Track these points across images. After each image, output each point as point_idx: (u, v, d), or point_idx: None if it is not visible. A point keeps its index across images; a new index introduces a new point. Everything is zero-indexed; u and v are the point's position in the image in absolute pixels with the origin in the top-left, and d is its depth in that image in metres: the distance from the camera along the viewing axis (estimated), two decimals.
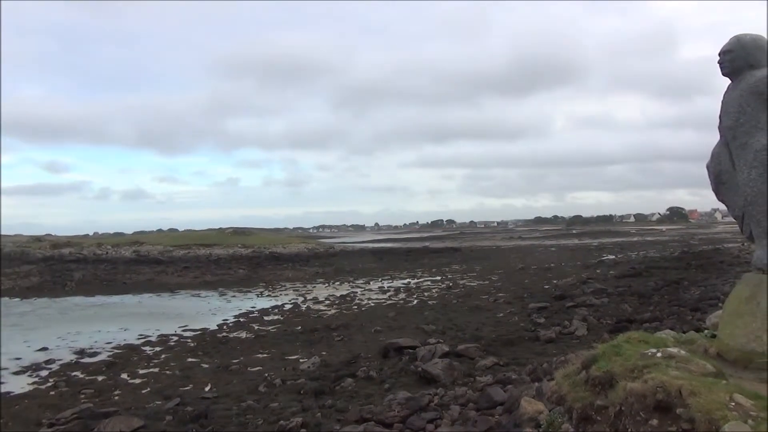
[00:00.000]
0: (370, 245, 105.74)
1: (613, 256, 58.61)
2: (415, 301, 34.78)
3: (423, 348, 16.24)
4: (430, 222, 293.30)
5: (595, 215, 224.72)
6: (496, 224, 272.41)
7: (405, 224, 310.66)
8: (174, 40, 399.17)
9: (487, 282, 43.32)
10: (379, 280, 52.59)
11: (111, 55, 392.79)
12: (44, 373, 20.40)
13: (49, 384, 18.69)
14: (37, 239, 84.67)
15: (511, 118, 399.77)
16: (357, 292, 42.29)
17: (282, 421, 10.67)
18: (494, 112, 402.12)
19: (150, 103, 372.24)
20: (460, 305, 30.42)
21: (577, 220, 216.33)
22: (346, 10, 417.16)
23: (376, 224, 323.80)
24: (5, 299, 44.37)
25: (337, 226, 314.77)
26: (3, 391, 18.03)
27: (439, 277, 51.13)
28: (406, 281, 49.51)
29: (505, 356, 15.95)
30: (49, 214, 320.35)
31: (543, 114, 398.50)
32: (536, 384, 9.50)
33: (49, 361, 22.06)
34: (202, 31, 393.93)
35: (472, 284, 42.87)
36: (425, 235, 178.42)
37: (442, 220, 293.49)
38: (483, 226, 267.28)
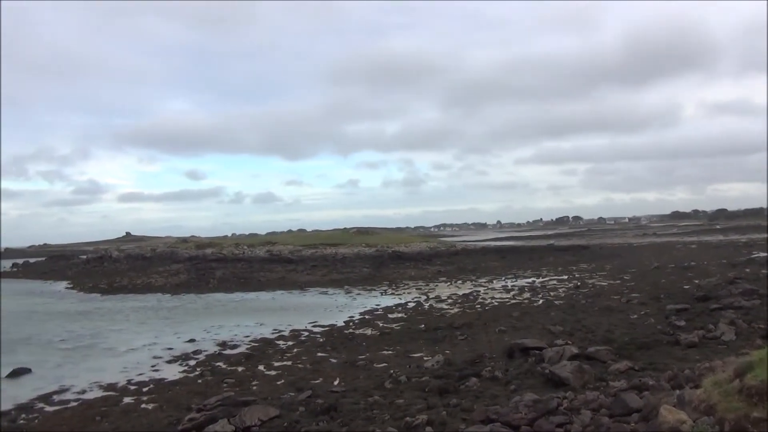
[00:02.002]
0: (493, 243, 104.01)
1: (766, 254, 52.84)
2: (541, 301, 33.74)
3: (550, 349, 15.70)
4: (554, 219, 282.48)
5: (742, 208, 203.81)
6: (627, 220, 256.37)
7: (528, 222, 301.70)
8: (295, 51, 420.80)
9: (618, 281, 40.95)
10: (503, 278, 51.66)
11: (241, 69, 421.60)
12: (192, 362, 22.37)
13: (196, 373, 20.46)
14: (184, 240, 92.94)
15: (633, 108, 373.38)
16: (480, 291, 41.84)
17: (408, 418, 10.83)
18: (613, 103, 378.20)
19: (275, 113, 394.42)
20: (589, 306, 29.05)
21: (721, 214, 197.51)
22: (454, 10, 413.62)
23: (498, 222, 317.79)
24: (159, 295, 49.21)
25: (458, 225, 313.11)
26: (159, 377, 20.06)
27: (565, 276, 49.20)
28: (530, 280, 48.18)
29: (640, 360, 14.99)
30: (192, 217, 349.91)
31: (668, 102, 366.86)
32: (677, 392, 8.83)
33: (196, 352, 24.16)
34: (318, 41, 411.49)
35: (602, 284, 40.76)
36: (550, 232, 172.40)
37: (567, 217, 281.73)
38: (612, 222, 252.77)
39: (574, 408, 10.22)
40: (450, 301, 37.24)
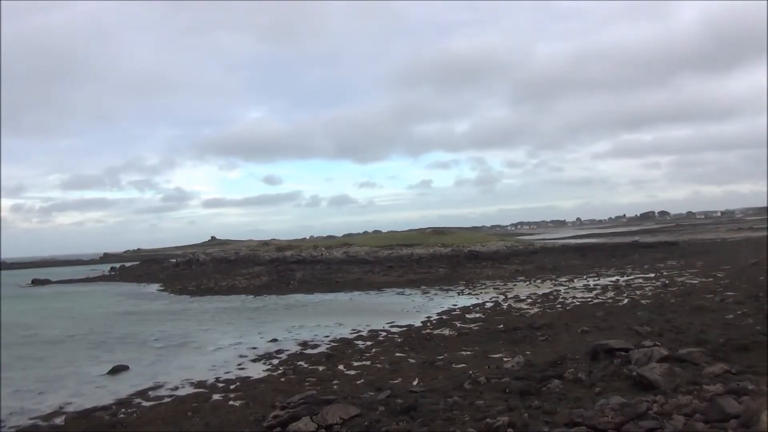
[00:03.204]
0: (573, 241, 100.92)
1: None
2: (626, 300, 32.38)
3: (637, 351, 15.02)
4: (638, 215, 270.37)
5: None
6: (719, 214, 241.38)
7: (610, 218, 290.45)
8: (362, 55, 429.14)
9: (711, 279, 38.59)
10: (584, 277, 49.99)
11: (312, 76, 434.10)
12: (275, 361, 23.09)
13: (279, 371, 21.10)
14: (265, 243, 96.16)
15: (717, 96, 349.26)
16: (560, 291, 40.70)
17: (488, 419, 10.69)
18: (695, 91, 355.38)
19: (345, 117, 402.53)
20: (679, 305, 27.56)
21: None
22: (519, 4, 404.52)
23: (578, 219, 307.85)
24: (242, 296, 51.16)
25: (535, 223, 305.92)
26: (244, 375, 20.85)
27: (652, 274, 46.92)
28: (614, 279, 46.33)
29: (737, 363, 14.05)
30: (271, 220, 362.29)
31: (758, 88, 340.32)
32: None
33: (279, 351, 24.92)
34: (386, 44, 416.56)
35: (693, 282, 38.56)
36: (634, 228, 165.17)
37: (653, 212, 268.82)
38: (703, 216, 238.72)
39: (665, 412, 9.74)
40: (529, 300, 36.45)
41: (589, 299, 34.76)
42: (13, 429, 16.11)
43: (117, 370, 22.84)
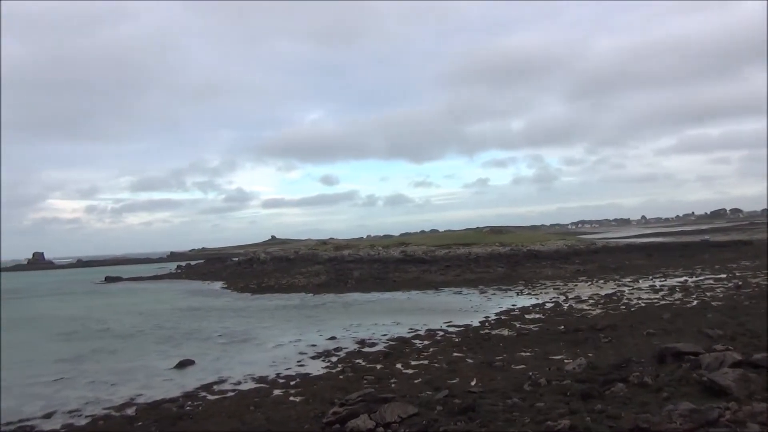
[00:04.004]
0: (637, 240, 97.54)
1: None
2: (695, 302, 31.03)
3: (708, 355, 14.36)
4: (708, 213, 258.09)
5: None
6: None
7: (677, 216, 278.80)
8: (416, 55, 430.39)
9: None
10: (650, 278, 48.25)
11: (367, 77, 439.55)
12: (334, 359, 23.41)
13: (338, 369, 21.39)
14: (323, 242, 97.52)
15: None
16: (624, 291, 39.43)
17: (549, 422, 10.48)
18: (765, 82, 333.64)
19: (399, 117, 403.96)
20: (753, 307, 26.18)
21: None
22: (574, 2, 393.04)
23: (643, 217, 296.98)
24: (302, 294, 52.11)
25: (597, 221, 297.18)
26: (304, 372, 21.24)
27: (724, 275, 44.76)
28: (681, 279, 44.47)
29: None
30: (329, 220, 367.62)
31: None
32: None
33: (337, 349, 25.25)
34: (439, 43, 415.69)
35: None
36: (704, 227, 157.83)
37: (724, 210, 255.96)
38: None
39: (738, 420, 9.28)
40: (591, 301, 35.49)
41: (656, 300, 33.53)
42: (88, 418, 17.01)
43: (183, 364, 23.73)
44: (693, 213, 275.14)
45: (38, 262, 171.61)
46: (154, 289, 70.39)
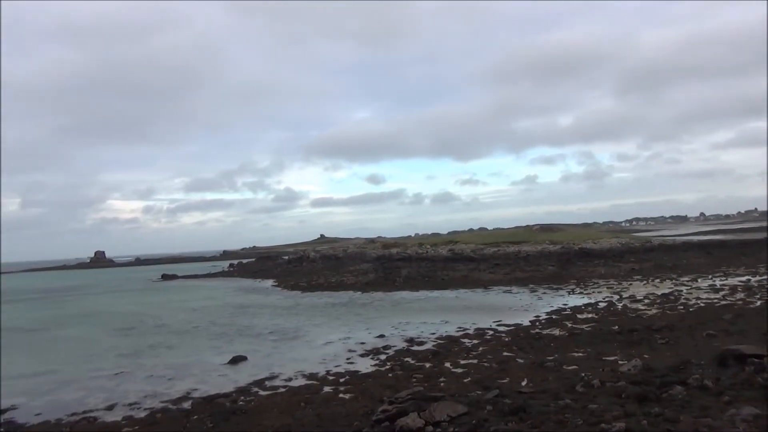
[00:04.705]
0: (695, 238, 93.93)
1: None
2: (759, 302, 29.68)
3: None
4: None
5: None
6: None
7: (739, 212, 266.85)
8: (459, 54, 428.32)
9: None
10: (709, 277, 46.44)
11: (411, 76, 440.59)
12: (383, 357, 23.51)
13: (387, 367, 21.47)
14: (371, 241, 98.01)
15: None
16: (682, 291, 38.08)
17: (603, 424, 10.22)
18: None
19: (444, 115, 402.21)
20: None
21: None
22: None
23: (701, 214, 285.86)
24: (350, 292, 52.54)
25: (653, 219, 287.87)
26: (353, 369, 21.41)
27: None
28: (744, 279, 42.61)
29: None
30: (377, 219, 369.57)
31: None
32: None
33: (386, 347, 25.35)
34: (482, 41, 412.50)
35: None
36: None
37: None
38: None
39: None
40: (647, 301, 34.42)
41: (716, 301, 32.24)
42: (147, 410, 17.65)
43: (236, 360, 24.31)
44: (756, 209, 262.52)
45: (100, 260, 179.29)
46: (207, 287, 72.38)
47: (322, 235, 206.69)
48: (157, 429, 14.87)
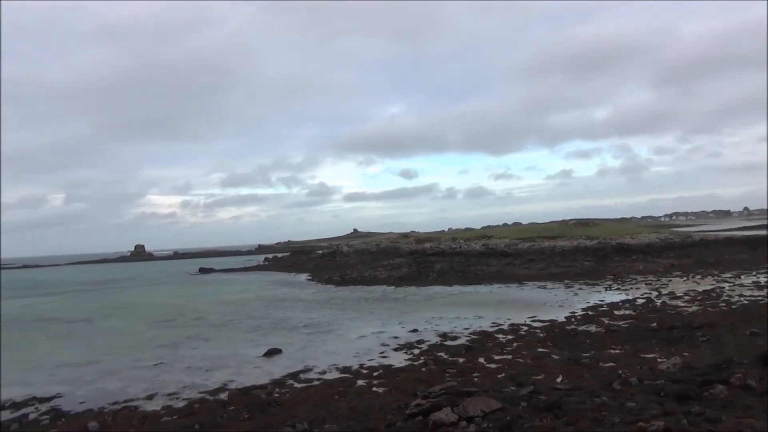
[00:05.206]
0: (739, 233, 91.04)
1: None
2: None
3: None
4: None
5: None
6: None
7: None
8: (491, 48, 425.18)
9: None
10: (753, 273, 45.02)
11: (443, 72, 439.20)
12: (416, 351, 23.51)
13: (420, 361, 21.46)
14: (404, 235, 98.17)
15: None
16: (724, 288, 37.02)
17: (641, 423, 10.02)
18: None
19: (477, 110, 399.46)
20: None
21: None
22: None
23: (745, 209, 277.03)
24: (384, 287, 52.67)
25: (693, 213, 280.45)
26: (387, 363, 21.47)
27: None
28: None
29: None
30: (410, 213, 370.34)
31: None
32: None
33: (419, 341, 25.34)
34: (514, 35, 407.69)
35: None
36: None
37: None
38: None
39: None
40: (687, 297, 33.58)
41: (760, 298, 31.24)
42: (185, 401, 18.06)
43: (271, 352, 24.65)
44: None
45: (140, 253, 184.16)
46: (243, 280, 73.53)
47: (355, 230, 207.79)
48: (195, 419, 15.18)
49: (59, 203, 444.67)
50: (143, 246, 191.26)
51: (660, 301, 33.08)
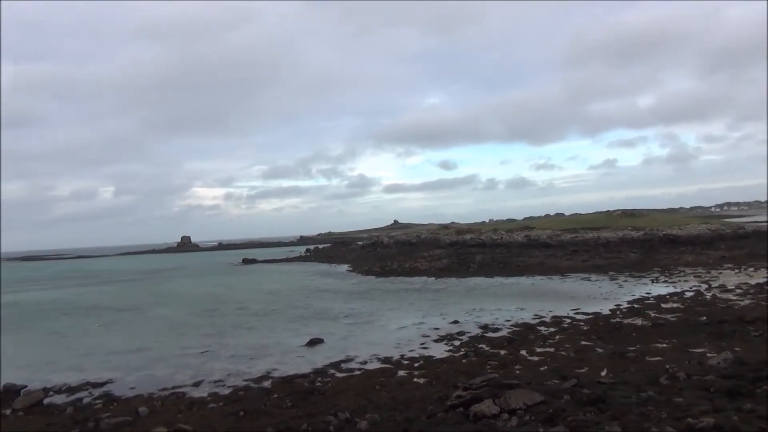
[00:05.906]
0: None
1: None
2: None
3: None
4: None
5: None
6: None
7: None
8: (530, 38, 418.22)
9: None
10: None
11: (481, 63, 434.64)
12: (457, 342, 23.46)
13: (461, 353, 21.41)
14: (445, 227, 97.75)
15: None
16: None
17: (690, 419, 9.77)
18: None
19: (517, 100, 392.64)
20: None
21: None
22: None
23: None
24: (424, 278, 52.66)
25: (746, 203, 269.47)
26: (427, 354, 21.50)
27: None
28: None
29: None
30: (450, 204, 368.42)
31: None
32: None
33: (460, 333, 25.28)
34: (553, 24, 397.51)
35: None
36: None
37: None
38: None
39: None
40: (739, 291, 32.44)
41: None
42: (230, 388, 18.51)
43: (313, 342, 24.99)
44: None
45: (186, 244, 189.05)
46: (286, 271, 74.68)
47: (395, 221, 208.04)
48: (240, 406, 15.55)
49: (109, 196, 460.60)
50: (189, 237, 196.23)
51: (710, 294, 32.08)
